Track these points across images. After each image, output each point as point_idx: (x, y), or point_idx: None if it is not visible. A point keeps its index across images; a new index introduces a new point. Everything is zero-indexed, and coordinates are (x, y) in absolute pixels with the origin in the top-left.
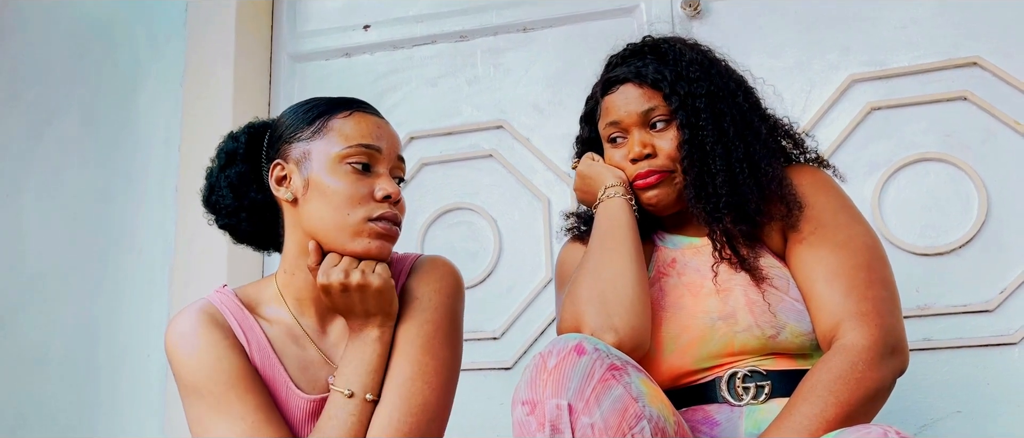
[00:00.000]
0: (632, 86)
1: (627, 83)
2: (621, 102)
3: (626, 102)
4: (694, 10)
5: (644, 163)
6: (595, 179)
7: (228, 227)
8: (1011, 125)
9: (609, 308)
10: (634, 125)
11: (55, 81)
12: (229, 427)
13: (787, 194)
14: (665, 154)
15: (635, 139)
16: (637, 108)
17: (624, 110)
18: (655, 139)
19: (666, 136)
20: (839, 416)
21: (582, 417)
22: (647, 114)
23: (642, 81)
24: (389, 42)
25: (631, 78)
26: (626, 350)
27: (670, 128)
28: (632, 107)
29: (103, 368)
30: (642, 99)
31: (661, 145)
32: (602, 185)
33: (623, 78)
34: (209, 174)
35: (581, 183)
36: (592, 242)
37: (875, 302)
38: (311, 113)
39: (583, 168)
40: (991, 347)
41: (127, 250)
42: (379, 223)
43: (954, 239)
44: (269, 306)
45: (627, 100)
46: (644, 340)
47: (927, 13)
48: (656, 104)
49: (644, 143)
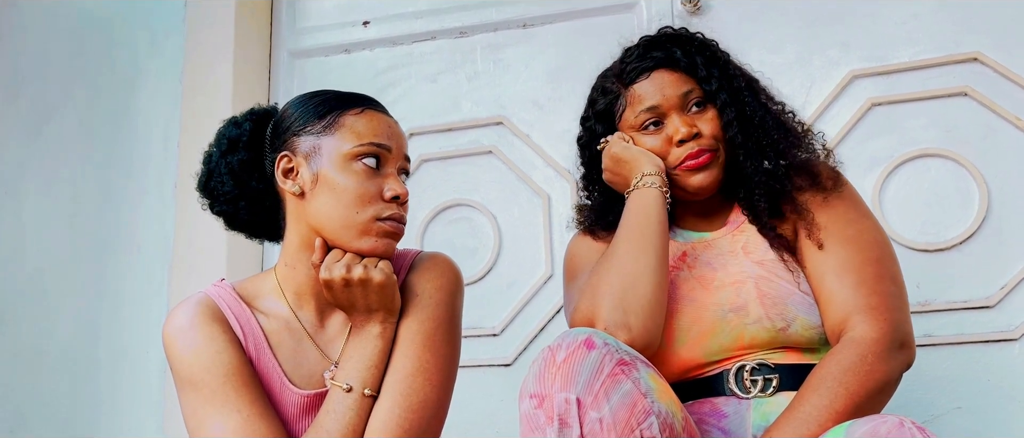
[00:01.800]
0: (665, 72)
1: (659, 69)
2: (656, 87)
3: (662, 86)
4: (694, 6)
5: (693, 143)
6: (631, 164)
7: (224, 214)
8: (1011, 121)
9: (627, 306)
10: (673, 109)
11: (54, 78)
12: (224, 420)
13: (814, 168)
14: (710, 134)
15: (677, 121)
16: (675, 92)
17: (661, 95)
18: (697, 121)
19: (705, 118)
20: (848, 407)
21: (590, 411)
22: (686, 97)
23: (675, 66)
24: (389, 38)
25: (664, 64)
26: (637, 349)
27: (708, 110)
28: (669, 91)
29: (102, 365)
30: (679, 83)
31: (703, 126)
32: (639, 171)
33: (654, 65)
34: (207, 159)
35: (613, 165)
36: (620, 232)
37: (884, 296)
38: (322, 107)
39: (618, 150)
40: (992, 343)
41: (126, 247)
42: (387, 222)
43: (955, 235)
44: (267, 299)
45: (663, 84)
46: (655, 341)
47: (928, 8)
48: (692, 87)
49: (689, 123)
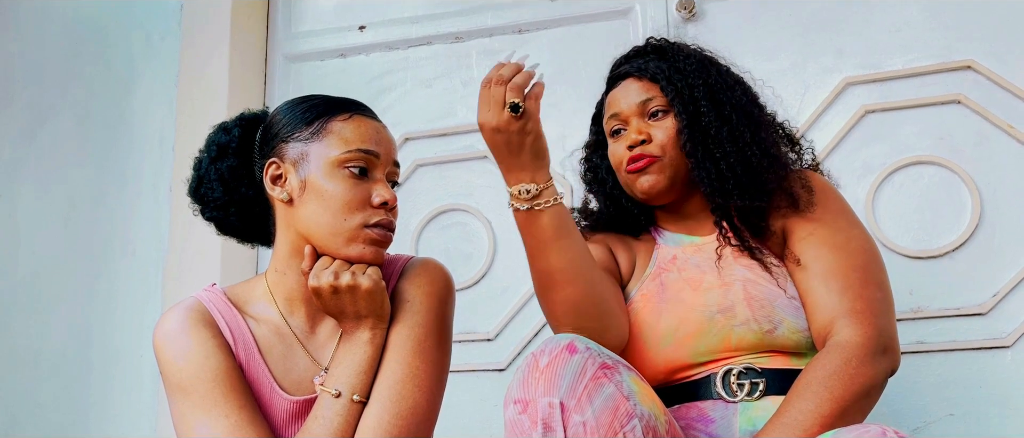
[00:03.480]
0: (632, 80)
1: (628, 78)
2: (621, 96)
3: (626, 95)
4: (689, 12)
5: (638, 148)
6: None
7: (214, 219)
8: (1004, 128)
9: (579, 327)
10: (633, 115)
11: (49, 80)
12: (212, 425)
13: (794, 185)
14: (658, 142)
15: (632, 128)
16: (636, 99)
17: (624, 103)
18: (651, 128)
19: (662, 125)
20: (834, 412)
21: (574, 415)
22: (644, 105)
23: (641, 75)
24: (384, 43)
25: (632, 73)
26: (612, 346)
27: (667, 118)
28: (632, 99)
29: (96, 369)
30: (640, 91)
31: (656, 134)
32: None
33: (624, 74)
34: (198, 165)
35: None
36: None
37: (870, 302)
38: (310, 113)
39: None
40: (984, 350)
41: (121, 250)
42: (375, 229)
43: (947, 242)
44: (258, 305)
45: (627, 93)
46: (615, 343)
47: (921, 16)
48: (653, 95)
49: (640, 130)
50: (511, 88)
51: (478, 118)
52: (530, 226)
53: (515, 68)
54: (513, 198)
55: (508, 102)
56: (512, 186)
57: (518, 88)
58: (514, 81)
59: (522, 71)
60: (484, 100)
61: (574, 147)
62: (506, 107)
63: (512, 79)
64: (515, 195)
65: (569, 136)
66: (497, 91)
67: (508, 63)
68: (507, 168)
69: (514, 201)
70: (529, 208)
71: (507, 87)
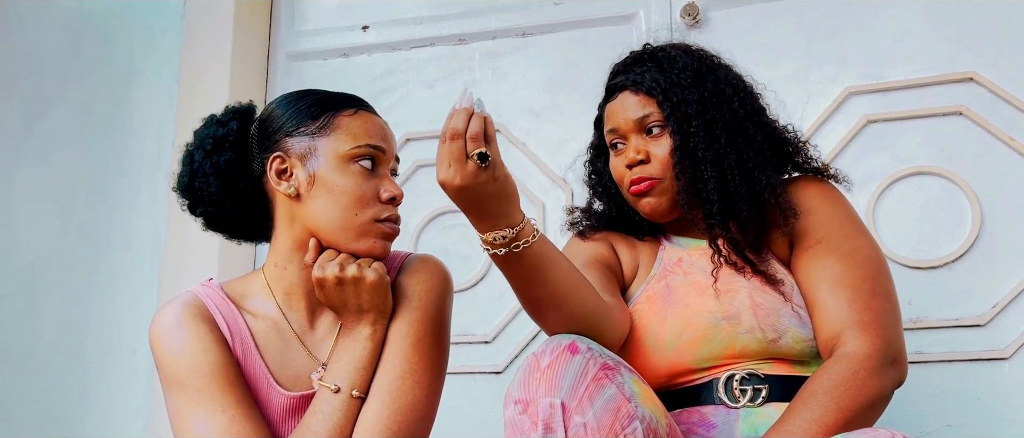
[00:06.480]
0: (629, 93)
1: (625, 91)
2: (619, 109)
3: (623, 109)
4: (693, 19)
5: (638, 169)
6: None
7: (207, 214)
8: (1005, 141)
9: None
10: (631, 131)
11: (49, 74)
12: (208, 419)
13: (782, 202)
14: (658, 160)
15: (631, 145)
16: (633, 115)
17: (622, 117)
18: (650, 146)
19: (660, 143)
20: (839, 422)
21: (575, 416)
22: (642, 121)
23: (638, 88)
24: (387, 43)
25: (628, 86)
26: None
27: (664, 134)
28: (629, 114)
29: (91, 363)
30: (638, 106)
31: (655, 151)
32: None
33: (622, 86)
34: (189, 159)
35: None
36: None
37: (878, 313)
38: (316, 108)
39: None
40: (982, 361)
41: (118, 245)
42: (385, 224)
43: (947, 253)
44: (255, 300)
45: (624, 107)
46: (621, 334)
47: (924, 27)
48: (651, 111)
49: (639, 149)
50: (471, 139)
51: (438, 177)
52: (511, 265)
53: (466, 116)
54: (487, 244)
55: (473, 154)
56: (486, 234)
57: (480, 137)
58: (472, 130)
59: (474, 117)
60: (443, 156)
61: (576, 151)
62: (470, 159)
63: (470, 129)
64: (490, 242)
65: (571, 140)
66: (455, 146)
67: (459, 111)
68: (478, 219)
69: (489, 248)
70: (508, 252)
71: (467, 138)
